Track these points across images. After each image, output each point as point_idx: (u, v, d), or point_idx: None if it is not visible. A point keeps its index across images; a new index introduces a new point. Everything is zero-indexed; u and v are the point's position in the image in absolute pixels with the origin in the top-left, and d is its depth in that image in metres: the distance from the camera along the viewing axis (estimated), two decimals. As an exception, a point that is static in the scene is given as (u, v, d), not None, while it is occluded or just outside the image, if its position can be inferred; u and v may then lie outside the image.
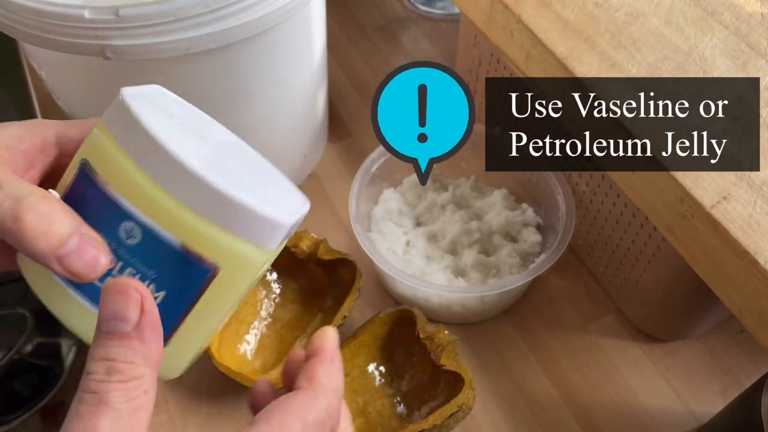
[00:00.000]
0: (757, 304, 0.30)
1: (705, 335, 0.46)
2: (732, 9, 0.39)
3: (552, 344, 0.46)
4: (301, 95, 0.49)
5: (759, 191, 0.31)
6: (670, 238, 0.34)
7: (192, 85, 0.41)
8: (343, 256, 0.44)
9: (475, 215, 0.49)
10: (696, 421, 0.42)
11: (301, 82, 0.47)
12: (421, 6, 0.70)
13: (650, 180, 0.34)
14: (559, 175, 0.46)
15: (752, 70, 0.36)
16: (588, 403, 0.43)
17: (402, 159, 0.36)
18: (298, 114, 0.50)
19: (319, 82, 0.51)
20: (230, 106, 0.44)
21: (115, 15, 0.34)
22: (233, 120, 0.45)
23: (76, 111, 0.46)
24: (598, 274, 0.48)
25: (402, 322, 0.43)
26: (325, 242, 0.45)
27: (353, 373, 0.42)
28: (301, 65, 0.46)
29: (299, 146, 0.52)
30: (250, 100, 0.44)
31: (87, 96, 0.43)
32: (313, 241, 0.44)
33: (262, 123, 0.47)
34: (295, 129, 0.51)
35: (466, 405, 0.38)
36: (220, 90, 0.42)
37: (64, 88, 0.44)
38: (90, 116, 0.45)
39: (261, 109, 0.45)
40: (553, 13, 0.39)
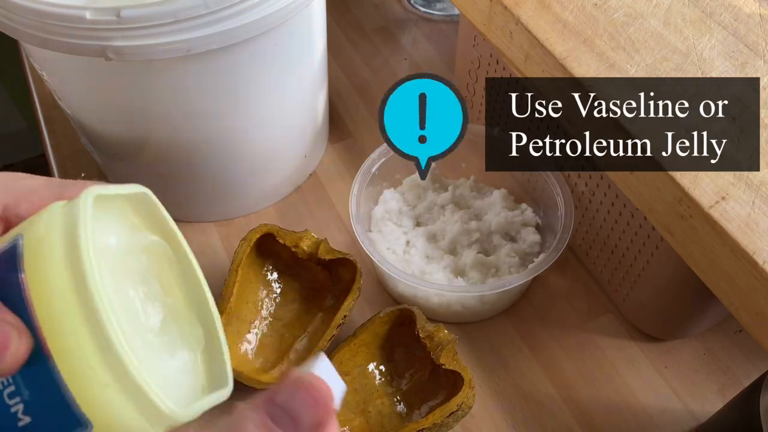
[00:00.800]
0: (755, 303, 0.30)
1: (703, 334, 0.46)
2: (730, 10, 0.39)
3: (551, 343, 0.46)
4: (302, 96, 0.49)
5: (757, 191, 0.31)
6: (669, 238, 0.34)
7: (193, 86, 0.41)
8: (343, 256, 0.44)
9: (474, 215, 0.49)
10: (694, 420, 0.42)
11: (301, 83, 0.48)
12: (420, 7, 0.70)
13: (648, 180, 0.34)
14: (558, 175, 0.46)
15: (750, 70, 0.36)
16: (586, 401, 0.43)
17: (405, 157, 0.41)
18: (299, 115, 0.50)
19: (320, 82, 0.51)
20: (231, 107, 0.44)
21: (116, 16, 0.35)
22: (233, 121, 0.45)
23: (77, 111, 0.46)
24: (597, 274, 0.48)
25: (402, 322, 0.43)
26: (326, 242, 0.45)
27: (353, 372, 0.42)
28: (302, 66, 0.47)
29: (300, 147, 0.52)
30: (250, 101, 0.44)
31: (88, 96, 0.44)
32: (313, 241, 0.45)
33: (262, 124, 0.47)
34: (295, 129, 0.51)
35: (465, 404, 0.38)
36: (220, 91, 0.42)
37: (66, 88, 0.44)
38: (91, 117, 0.45)
39: (262, 110, 0.46)
40: (552, 14, 0.40)
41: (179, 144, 0.45)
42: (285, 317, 0.46)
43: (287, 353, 0.44)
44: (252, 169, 0.50)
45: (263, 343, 0.45)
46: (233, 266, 0.44)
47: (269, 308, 0.46)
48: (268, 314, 0.46)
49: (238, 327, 0.44)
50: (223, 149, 0.47)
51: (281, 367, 0.43)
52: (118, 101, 0.42)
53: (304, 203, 0.54)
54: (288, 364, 0.43)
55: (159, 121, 0.43)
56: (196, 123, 0.44)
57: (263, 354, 0.44)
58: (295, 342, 0.44)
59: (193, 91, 0.41)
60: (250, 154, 0.49)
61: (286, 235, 0.45)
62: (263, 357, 0.44)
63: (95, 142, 0.48)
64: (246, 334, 0.44)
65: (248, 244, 0.44)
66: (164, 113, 0.43)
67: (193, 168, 0.47)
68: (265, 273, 0.46)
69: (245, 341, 0.44)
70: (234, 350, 0.43)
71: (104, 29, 0.35)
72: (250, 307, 0.45)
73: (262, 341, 0.45)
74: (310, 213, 0.54)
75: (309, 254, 0.44)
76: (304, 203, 0.54)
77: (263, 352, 0.44)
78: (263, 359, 0.44)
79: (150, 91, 0.41)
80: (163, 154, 0.46)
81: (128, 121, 0.44)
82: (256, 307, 0.45)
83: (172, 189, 0.49)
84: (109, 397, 0.20)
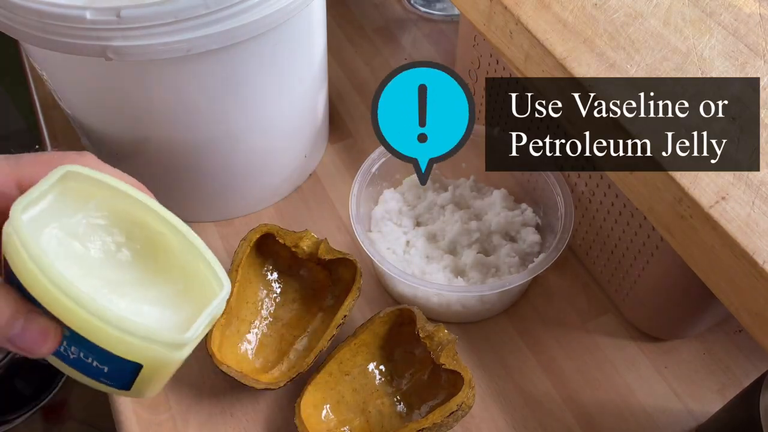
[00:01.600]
0: (755, 303, 0.30)
1: (703, 334, 0.46)
2: (730, 10, 0.39)
3: (551, 343, 0.46)
4: (302, 96, 0.49)
5: (757, 191, 0.31)
6: (669, 238, 0.34)
7: (192, 86, 0.41)
8: (343, 256, 0.44)
9: (474, 215, 0.49)
10: (694, 420, 0.42)
11: (301, 82, 0.48)
12: (420, 7, 0.70)
13: (648, 180, 0.34)
14: (558, 175, 0.46)
15: (751, 70, 0.36)
16: (586, 401, 0.43)
17: (402, 159, 0.36)
18: (299, 114, 0.50)
19: (320, 82, 0.51)
20: (230, 107, 0.44)
21: (116, 16, 0.35)
22: (233, 121, 0.45)
23: (77, 112, 0.46)
24: (597, 274, 0.48)
25: (402, 322, 0.43)
26: (326, 242, 0.45)
27: (353, 372, 0.42)
28: (302, 66, 0.47)
29: (300, 146, 0.52)
30: (250, 100, 0.44)
31: (89, 96, 0.44)
32: (313, 241, 0.45)
33: (262, 124, 0.47)
34: (295, 129, 0.51)
35: (465, 404, 0.38)
36: (220, 90, 0.42)
37: (66, 88, 0.44)
38: (91, 117, 0.45)
39: (262, 110, 0.46)
40: (552, 14, 0.40)
41: (179, 144, 0.45)
42: (285, 317, 0.46)
43: (287, 353, 0.44)
44: (252, 168, 0.50)
45: (263, 343, 0.45)
46: (233, 266, 0.44)
47: (269, 308, 0.46)
48: (268, 314, 0.46)
49: (237, 327, 0.44)
50: (223, 149, 0.47)
51: (281, 367, 0.43)
52: (118, 101, 0.43)
53: (304, 203, 0.54)
54: (288, 364, 0.43)
55: (159, 121, 0.44)
56: (196, 123, 0.44)
57: (263, 354, 0.44)
58: (295, 342, 0.44)
59: (193, 91, 0.41)
60: (250, 154, 0.49)
61: (287, 235, 0.45)
62: (263, 357, 0.44)
63: (95, 142, 0.48)
64: (246, 334, 0.44)
65: (248, 244, 0.44)
66: (164, 113, 0.43)
67: (193, 168, 0.48)
68: (265, 273, 0.46)
69: (245, 341, 0.44)
70: (234, 350, 0.43)
71: (104, 29, 0.35)
72: (250, 307, 0.45)
73: (262, 341, 0.45)
74: (310, 213, 0.54)
75: (309, 254, 0.44)
76: (304, 203, 0.54)
77: (263, 352, 0.44)
78: (263, 359, 0.44)
79: (150, 91, 0.41)
80: (162, 153, 0.46)
81: (128, 121, 0.44)
82: (256, 307, 0.45)
83: (172, 189, 0.49)
84: (117, 338, 0.25)
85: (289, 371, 0.42)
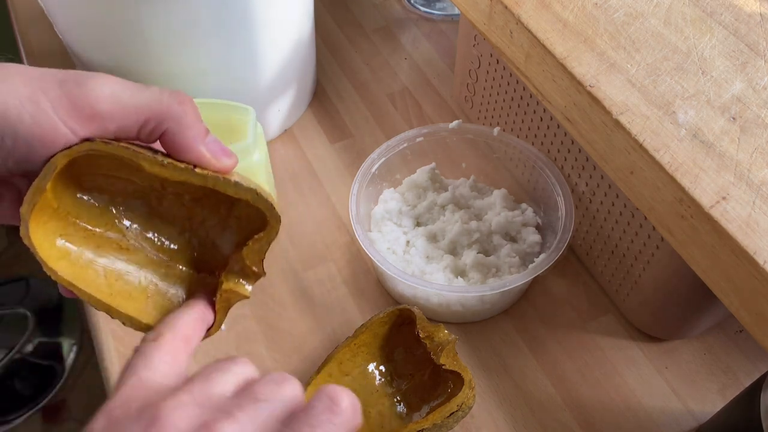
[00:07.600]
0: (755, 303, 0.30)
1: (704, 335, 0.46)
2: (731, 9, 0.39)
3: (551, 343, 0.46)
4: (289, 26, 0.51)
5: (758, 191, 0.31)
6: (669, 238, 0.34)
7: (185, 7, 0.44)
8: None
9: (474, 215, 0.49)
10: (695, 421, 0.42)
11: (288, 13, 0.50)
12: (420, 7, 0.70)
13: (649, 180, 0.34)
14: (558, 175, 0.46)
15: (751, 70, 0.36)
16: (587, 402, 0.43)
17: None
18: (285, 51, 0.52)
19: (306, 20, 0.53)
20: (218, 30, 0.46)
21: None
22: (223, 45, 0.47)
23: (69, 40, 0.50)
24: (597, 274, 0.48)
25: (402, 322, 0.43)
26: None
27: (353, 373, 0.42)
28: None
29: (279, 94, 0.55)
30: (240, 24, 0.46)
31: (88, 27, 0.47)
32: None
33: (246, 52, 0.49)
34: (279, 72, 0.53)
35: (465, 404, 0.38)
36: (212, 14, 0.45)
37: (59, 12, 0.48)
38: (87, 47, 0.49)
39: (248, 35, 0.48)
40: (552, 14, 0.40)
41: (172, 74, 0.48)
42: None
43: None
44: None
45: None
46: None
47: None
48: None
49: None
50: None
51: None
52: (107, 25, 0.46)
53: (304, 203, 0.54)
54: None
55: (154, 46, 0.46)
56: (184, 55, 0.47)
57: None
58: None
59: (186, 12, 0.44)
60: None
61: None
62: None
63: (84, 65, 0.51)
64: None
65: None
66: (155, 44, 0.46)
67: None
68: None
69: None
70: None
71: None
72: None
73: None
74: (309, 213, 0.54)
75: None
76: (305, 203, 0.54)
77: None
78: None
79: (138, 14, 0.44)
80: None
81: (120, 47, 0.47)
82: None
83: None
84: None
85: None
